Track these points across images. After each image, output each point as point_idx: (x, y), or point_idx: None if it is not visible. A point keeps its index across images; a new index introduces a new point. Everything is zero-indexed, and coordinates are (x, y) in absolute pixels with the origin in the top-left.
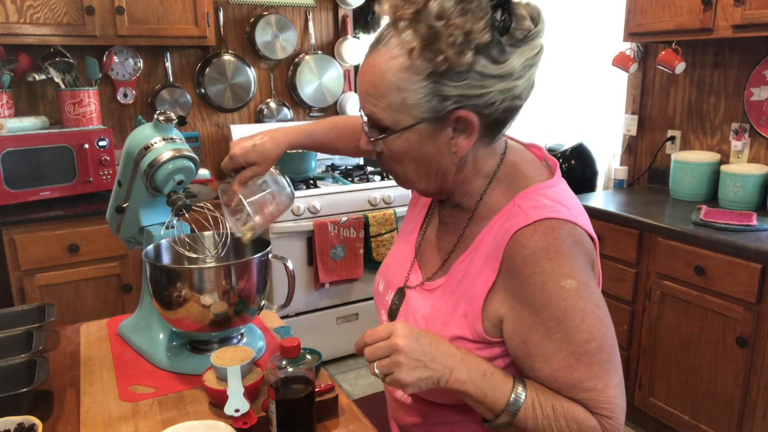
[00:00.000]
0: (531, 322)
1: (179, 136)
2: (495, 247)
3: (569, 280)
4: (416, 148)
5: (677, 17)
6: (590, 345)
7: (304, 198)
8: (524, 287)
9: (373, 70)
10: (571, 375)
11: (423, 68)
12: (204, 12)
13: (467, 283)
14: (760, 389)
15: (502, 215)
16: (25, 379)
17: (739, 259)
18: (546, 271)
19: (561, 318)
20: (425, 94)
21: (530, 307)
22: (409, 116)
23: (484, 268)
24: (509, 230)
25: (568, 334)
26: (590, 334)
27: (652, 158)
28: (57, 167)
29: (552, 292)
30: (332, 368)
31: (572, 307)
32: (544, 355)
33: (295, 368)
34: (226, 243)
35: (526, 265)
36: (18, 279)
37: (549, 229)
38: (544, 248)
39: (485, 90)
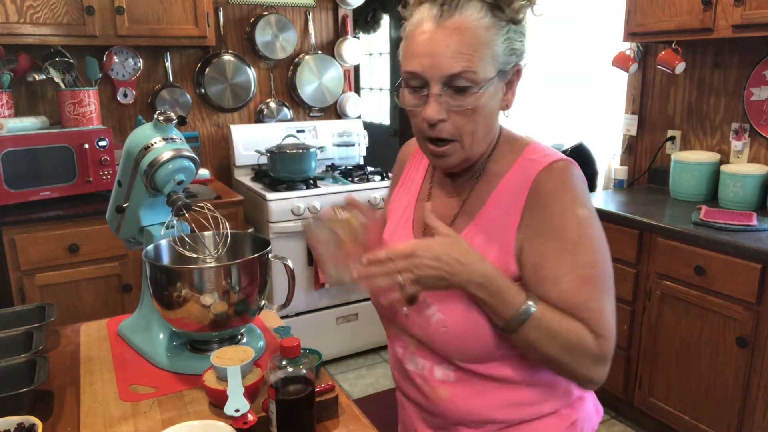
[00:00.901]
0: (545, 249)
1: (179, 136)
2: (518, 191)
3: (583, 209)
4: (490, 103)
5: (677, 17)
6: (595, 269)
7: (304, 198)
8: (545, 216)
9: (460, 31)
10: (577, 296)
11: (503, 25)
12: (204, 12)
13: (496, 228)
14: (760, 389)
15: (516, 169)
16: (25, 379)
17: (739, 259)
18: (565, 200)
19: (575, 241)
20: (505, 48)
21: (548, 234)
22: (493, 68)
23: (509, 213)
24: (530, 175)
25: (578, 256)
26: (596, 259)
27: (652, 158)
28: (57, 167)
29: (569, 218)
30: (332, 368)
31: (584, 232)
32: (554, 277)
33: (295, 368)
34: (226, 243)
35: (548, 197)
36: (18, 279)
37: (563, 168)
38: (562, 182)
39: (522, 45)
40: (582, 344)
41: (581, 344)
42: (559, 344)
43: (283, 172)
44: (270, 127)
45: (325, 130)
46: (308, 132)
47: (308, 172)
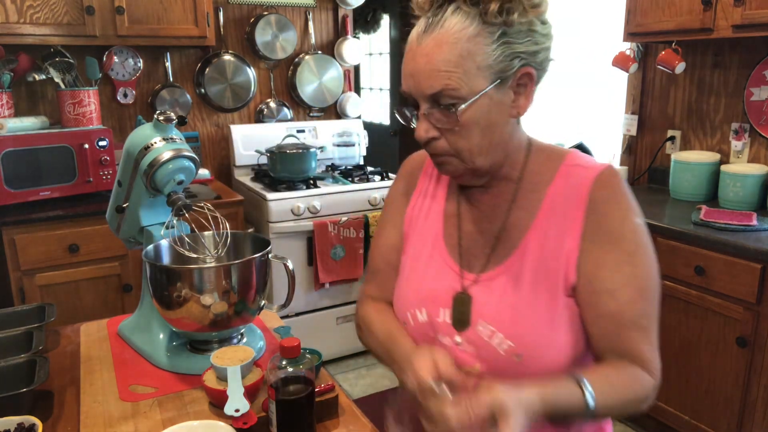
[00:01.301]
0: (602, 259)
1: (179, 136)
2: (573, 201)
3: (639, 218)
4: (486, 115)
5: (677, 17)
6: (650, 281)
7: (304, 198)
8: (604, 224)
9: (440, 46)
10: (634, 310)
11: (494, 30)
12: (204, 12)
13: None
14: (760, 389)
15: (562, 177)
16: (25, 379)
17: (739, 259)
18: (624, 207)
19: (633, 251)
20: (498, 55)
21: (606, 242)
22: (484, 80)
23: (566, 223)
24: (584, 182)
25: (636, 267)
26: (650, 271)
27: (652, 158)
28: (57, 167)
29: (628, 226)
30: (332, 368)
31: (641, 241)
32: (611, 289)
33: (295, 368)
34: (226, 243)
35: (607, 203)
36: (18, 279)
37: (614, 174)
38: (618, 189)
39: (540, 47)
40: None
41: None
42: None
43: (283, 172)
44: (270, 127)
45: (325, 130)
46: (308, 132)
47: (308, 172)
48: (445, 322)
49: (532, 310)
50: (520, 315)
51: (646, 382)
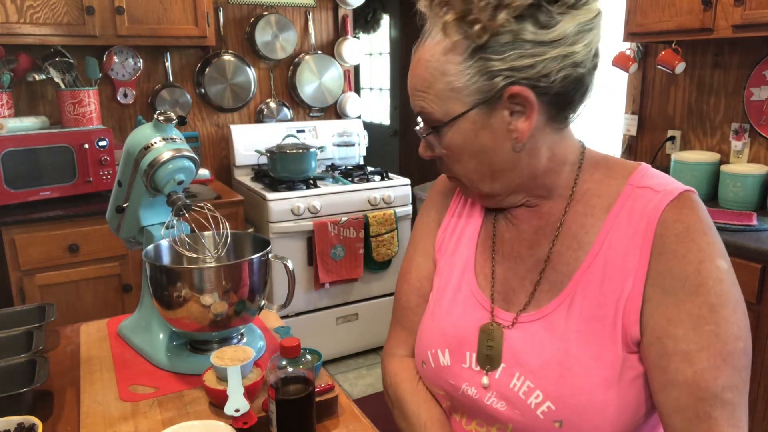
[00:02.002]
0: (675, 313)
1: (179, 136)
2: (637, 233)
3: (723, 261)
4: (472, 140)
5: (677, 17)
6: (738, 344)
7: (304, 198)
8: (677, 269)
9: (418, 64)
10: (716, 380)
11: (464, 46)
12: (204, 12)
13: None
14: (760, 389)
15: (625, 199)
16: (25, 379)
17: (739, 259)
18: (702, 248)
19: (715, 305)
20: (472, 75)
21: (680, 292)
22: (460, 103)
23: (628, 260)
24: (654, 210)
25: (720, 326)
26: (740, 330)
27: (652, 158)
28: (57, 167)
29: (708, 273)
30: (332, 368)
31: (727, 292)
32: (687, 352)
33: (295, 368)
34: (226, 243)
35: (680, 242)
36: (18, 279)
37: (694, 202)
38: (697, 223)
39: (536, 59)
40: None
41: None
42: None
43: (283, 172)
44: (270, 127)
45: (325, 130)
46: (308, 132)
47: (308, 172)
48: (470, 369)
49: (581, 366)
50: (567, 371)
51: None
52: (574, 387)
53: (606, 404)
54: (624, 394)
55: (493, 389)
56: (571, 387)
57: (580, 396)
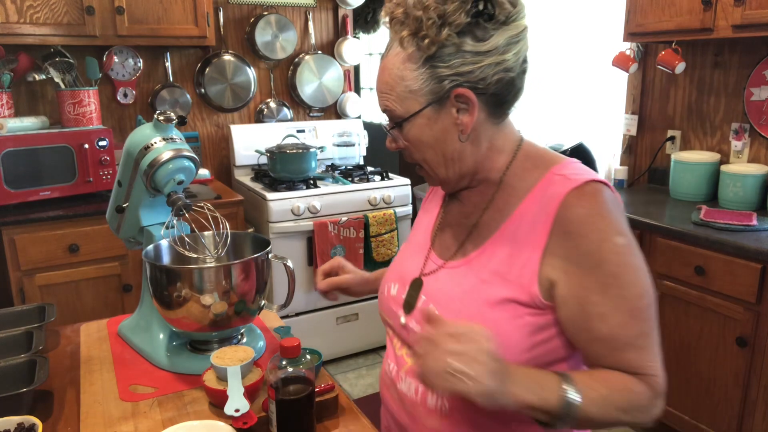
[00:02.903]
0: (588, 282)
1: (179, 136)
2: (543, 212)
3: (621, 237)
4: (428, 132)
5: (677, 17)
6: (642, 301)
7: (304, 198)
8: (581, 247)
9: (383, 70)
10: (626, 332)
11: (418, 56)
12: (204, 12)
13: (517, 248)
14: (760, 389)
15: (543, 184)
16: (25, 379)
17: (739, 259)
18: (601, 228)
19: (617, 273)
20: (425, 79)
21: (587, 266)
22: (416, 102)
23: (533, 233)
24: (558, 194)
25: (624, 289)
26: (642, 290)
27: (652, 158)
28: (57, 167)
29: (608, 249)
30: (332, 368)
31: (626, 262)
32: (602, 313)
33: (295, 368)
34: (226, 243)
35: (582, 224)
36: (18, 279)
37: (596, 190)
38: (596, 208)
39: (475, 66)
40: (635, 400)
41: (634, 400)
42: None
43: (283, 172)
44: (270, 127)
45: (325, 130)
46: (308, 132)
47: (308, 172)
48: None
49: (478, 304)
50: (466, 306)
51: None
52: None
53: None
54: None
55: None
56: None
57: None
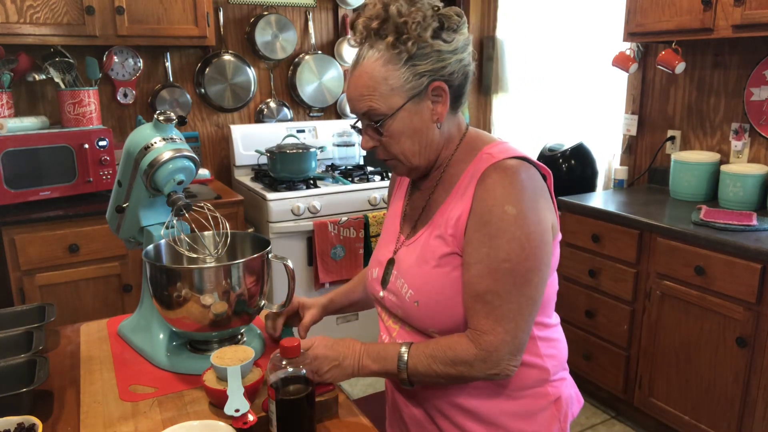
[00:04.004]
0: (471, 236)
1: (179, 136)
2: (469, 184)
3: (511, 207)
4: (409, 124)
5: (677, 17)
6: (504, 264)
7: (304, 198)
8: (477, 208)
9: (361, 75)
10: (479, 284)
11: (400, 57)
12: (204, 12)
13: (450, 215)
14: (760, 389)
15: (475, 162)
16: (25, 379)
17: (739, 259)
18: (497, 196)
19: (492, 234)
20: (407, 77)
21: (476, 223)
22: (399, 98)
23: (461, 201)
24: (481, 168)
25: (492, 249)
26: (508, 255)
27: (652, 158)
28: (57, 167)
29: (494, 213)
30: None
31: (505, 229)
32: (468, 263)
33: (295, 368)
34: (226, 243)
35: (484, 191)
36: (18, 279)
37: (510, 166)
38: (500, 179)
39: (446, 62)
40: (458, 353)
41: (457, 353)
42: (440, 363)
43: (283, 172)
44: (270, 127)
45: (325, 130)
46: (308, 132)
47: (308, 172)
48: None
49: (427, 267)
50: (419, 270)
51: (463, 349)
52: (422, 278)
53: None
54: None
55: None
56: (421, 279)
57: (426, 285)
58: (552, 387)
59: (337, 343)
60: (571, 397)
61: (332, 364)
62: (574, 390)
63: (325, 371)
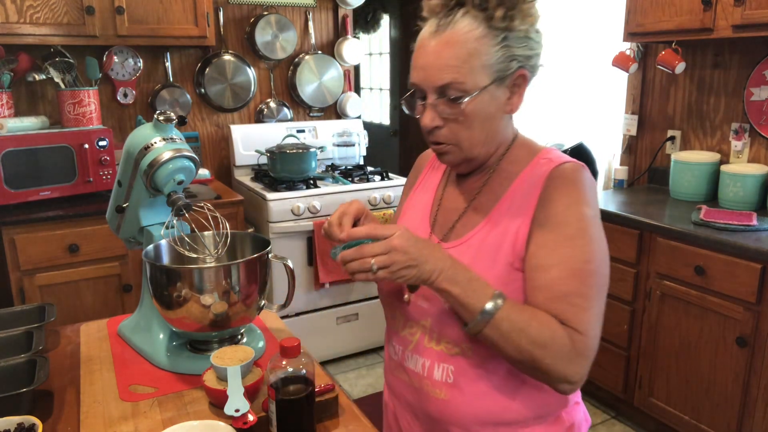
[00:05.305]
0: (545, 240)
1: (179, 136)
2: (532, 186)
3: (588, 209)
4: (486, 108)
5: (677, 17)
6: (588, 265)
7: (304, 198)
8: (550, 209)
9: (450, 44)
10: (563, 286)
11: (497, 34)
12: (204, 12)
13: (508, 222)
14: (760, 389)
15: (532, 167)
16: (25, 379)
17: (739, 259)
18: (572, 195)
19: (573, 235)
20: (500, 56)
21: (549, 225)
22: (486, 77)
23: (524, 206)
24: (545, 171)
25: (574, 250)
26: (591, 256)
27: (652, 158)
28: (57, 167)
29: (572, 213)
30: (332, 368)
31: (585, 229)
32: (546, 265)
33: (295, 368)
34: (226, 243)
35: (556, 190)
36: (18, 279)
37: (576, 168)
38: (572, 179)
39: (534, 52)
40: (554, 338)
41: (553, 338)
42: (529, 337)
43: (283, 172)
44: (270, 127)
45: (325, 130)
46: (308, 132)
47: (308, 172)
48: None
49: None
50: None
51: (560, 337)
52: None
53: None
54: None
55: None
56: None
57: None
58: (567, 413)
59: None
60: (581, 421)
61: (409, 262)
62: (583, 410)
63: (399, 267)
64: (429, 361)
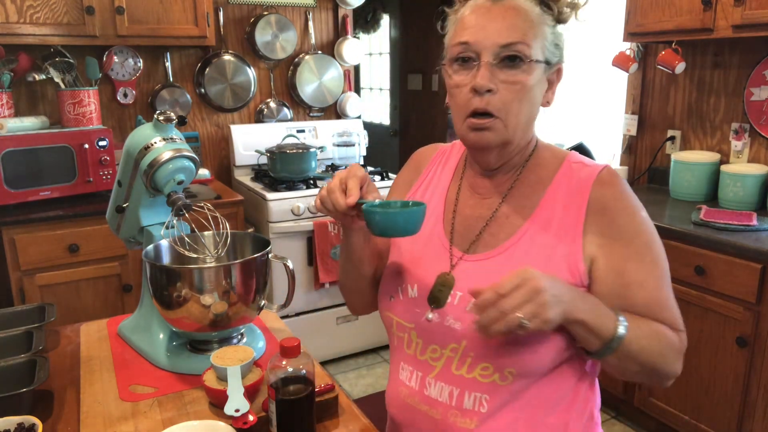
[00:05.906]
0: (625, 253)
1: (179, 136)
2: (576, 196)
3: (644, 212)
4: (533, 86)
5: (677, 17)
6: (666, 265)
7: (304, 198)
8: (617, 221)
9: (515, 10)
10: (661, 294)
11: (550, 19)
12: (204, 12)
13: (556, 228)
14: (760, 389)
15: (564, 172)
16: (25, 379)
17: (739, 259)
18: (633, 204)
19: (649, 242)
20: (551, 41)
21: (624, 238)
22: (541, 53)
23: (569, 217)
24: (587, 179)
25: (655, 256)
26: (664, 256)
27: (652, 158)
28: (57, 167)
29: (640, 221)
30: (332, 368)
31: (652, 232)
32: (640, 280)
33: (295, 368)
34: (226, 243)
35: (615, 202)
36: (18, 279)
37: (613, 173)
38: (622, 188)
39: (563, 51)
40: (670, 346)
41: (670, 346)
42: (653, 353)
43: (283, 172)
44: (270, 127)
45: (325, 130)
46: (308, 132)
47: (308, 172)
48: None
49: None
50: None
51: (673, 337)
52: None
53: None
54: None
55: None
56: None
57: None
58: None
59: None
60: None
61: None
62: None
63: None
64: (459, 389)
